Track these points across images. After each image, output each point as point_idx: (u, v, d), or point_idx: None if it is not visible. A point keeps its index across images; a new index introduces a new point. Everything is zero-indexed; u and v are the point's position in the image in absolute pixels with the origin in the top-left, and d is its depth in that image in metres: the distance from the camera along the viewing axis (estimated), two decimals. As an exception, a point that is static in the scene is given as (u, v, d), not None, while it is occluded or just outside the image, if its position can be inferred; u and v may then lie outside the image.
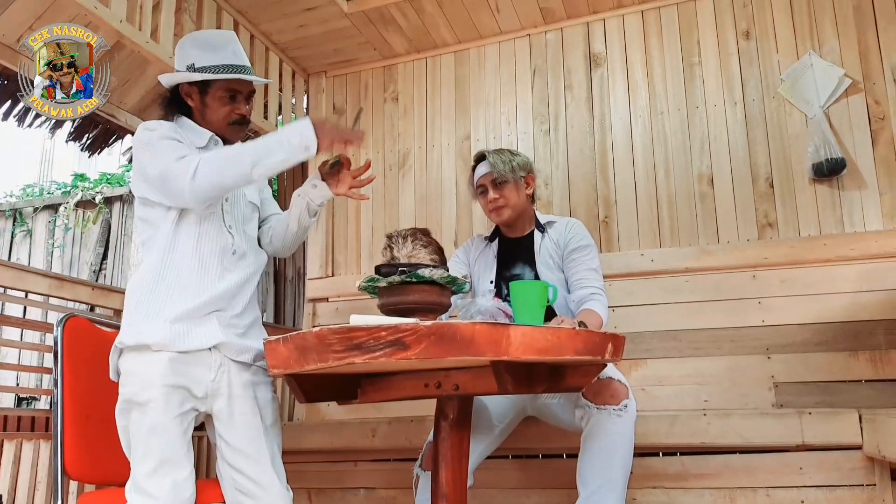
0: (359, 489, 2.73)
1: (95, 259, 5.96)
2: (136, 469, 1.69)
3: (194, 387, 1.73)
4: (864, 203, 2.79)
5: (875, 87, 2.84)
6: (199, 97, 1.88)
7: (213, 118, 1.89)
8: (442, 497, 1.63)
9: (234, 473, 1.79)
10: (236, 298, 1.84)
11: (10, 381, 5.45)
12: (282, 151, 1.70)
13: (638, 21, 3.25)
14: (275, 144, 1.71)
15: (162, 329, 1.72)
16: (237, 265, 1.85)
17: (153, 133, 1.80)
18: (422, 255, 1.82)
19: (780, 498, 2.22)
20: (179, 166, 1.70)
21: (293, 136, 1.71)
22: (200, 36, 1.99)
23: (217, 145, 1.89)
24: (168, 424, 1.68)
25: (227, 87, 1.88)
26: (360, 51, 3.60)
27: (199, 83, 1.87)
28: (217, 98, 1.88)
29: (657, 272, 2.96)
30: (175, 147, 1.76)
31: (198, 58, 1.86)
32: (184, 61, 1.88)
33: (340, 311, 3.46)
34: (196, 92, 1.88)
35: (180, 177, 1.69)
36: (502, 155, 2.29)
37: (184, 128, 1.88)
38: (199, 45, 1.89)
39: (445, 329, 1.22)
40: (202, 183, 1.68)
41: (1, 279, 2.52)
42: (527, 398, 2.21)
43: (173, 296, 1.76)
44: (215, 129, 1.90)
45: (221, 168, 1.70)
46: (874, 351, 2.61)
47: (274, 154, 1.70)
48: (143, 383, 1.70)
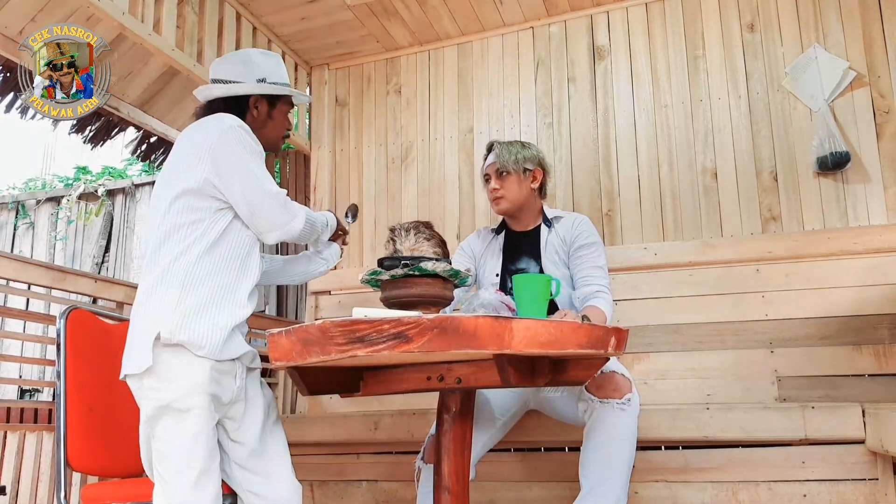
0: (361, 482, 2.74)
1: (98, 251, 5.97)
2: (175, 480, 1.62)
3: (224, 395, 1.71)
4: (868, 197, 2.78)
5: (880, 80, 2.82)
6: (267, 109, 1.95)
7: (272, 131, 1.97)
8: (444, 490, 1.63)
9: (246, 473, 1.78)
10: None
11: (13, 373, 5.47)
12: (328, 228, 2.05)
13: (642, 13, 3.24)
14: (323, 220, 2.01)
15: (216, 334, 1.66)
16: (259, 270, 1.84)
17: (249, 139, 1.81)
18: (424, 248, 1.82)
19: (783, 492, 2.22)
20: (288, 208, 1.80)
21: (331, 221, 2.06)
22: (267, 52, 2.09)
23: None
24: (210, 433, 1.66)
25: (289, 104, 2.01)
26: (363, 43, 3.59)
27: (269, 96, 1.95)
28: (282, 112, 1.99)
29: (660, 266, 2.95)
30: (269, 176, 1.81)
31: (270, 72, 1.95)
32: (254, 74, 1.93)
33: (343, 304, 3.46)
34: (266, 104, 1.95)
35: (293, 219, 1.81)
36: (511, 147, 2.29)
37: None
38: (270, 60, 2.00)
39: (448, 322, 1.21)
40: (304, 231, 1.85)
41: (4, 271, 2.52)
42: (529, 391, 2.21)
43: (225, 299, 1.71)
44: (271, 140, 1.97)
45: (314, 230, 1.93)
46: (878, 345, 2.60)
47: (326, 228, 2.03)
48: (186, 389, 1.63)
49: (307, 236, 1.91)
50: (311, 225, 1.88)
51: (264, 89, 1.93)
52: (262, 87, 1.93)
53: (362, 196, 3.61)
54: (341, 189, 3.66)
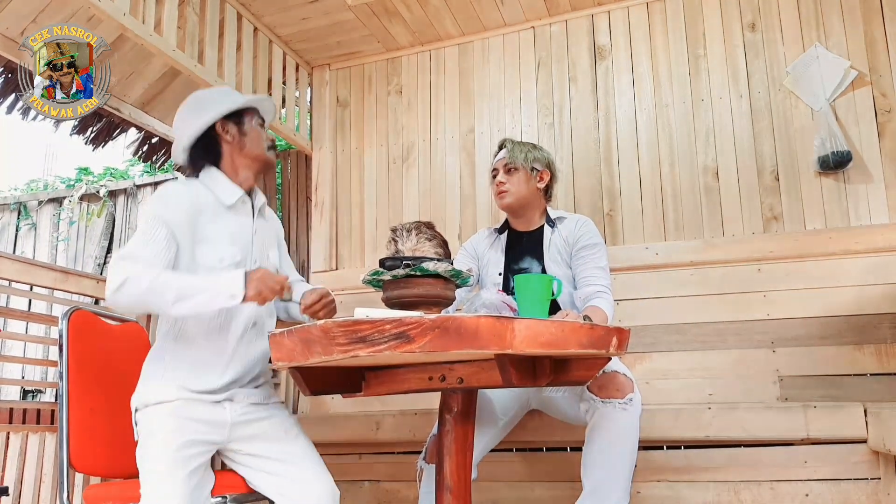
0: (363, 482, 2.74)
1: (100, 252, 5.97)
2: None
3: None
4: (869, 196, 2.77)
5: (882, 79, 2.82)
6: (237, 128, 1.91)
7: (252, 146, 1.92)
8: (446, 489, 1.63)
9: (277, 479, 1.82)
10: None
11: (16, 373, 5.47)
12: (207, 294, 1.66)
13: (643, 13, 3.23)
14: (203, 286, 1.67)
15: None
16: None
17: (156, 206, 1.77)
18: (426, 248, 1.82)
19: (785, 491, 2.22)
20: (116, 269, 1.66)
21: (223, 282, 1.67)
22: (214, 88, 2.12)
23: (245, 205, 1.91)
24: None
25: (258, 114, 1.96)
26: (364, 43, 3.59)
27: (235, 117, 1.91)
28: (255, 124, 1.94)
29: (662, 265, 2.95)
30: (149, 239, 1.71)
31: (222, 102, 1.91)
32: (206, 107, 1.90)
33: (345, 304, 3.45)
34: (233, 124, 1.91)
35: (111, 282, 1.66)
36: (523, 145, 2.31)
37: (214, 181, 1.88)
38: (218, 91, 2.02)
39: (450, 322, 1.21)
40: (121, 300, 1.66)
41: (6, 272, 2.52)
42: (531, 391, 2.21)
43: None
44: (257, 156, 1.93)
45: (144, 293, 1.64)
46: (879, 344, 2.60)
47: (199, 295, 1.66)
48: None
49: (136, 305, 1.70)
50: (140, 291, 1.64)
51: (221, 110, 1.90)
52: (220, 109, 1.90)
53: (363, 196, 3.61)
54: (342, 189, 3.67)
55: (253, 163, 1.92)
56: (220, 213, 1.85)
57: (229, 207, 1.87)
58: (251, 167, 1.93)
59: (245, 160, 1.91)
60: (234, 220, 1.88)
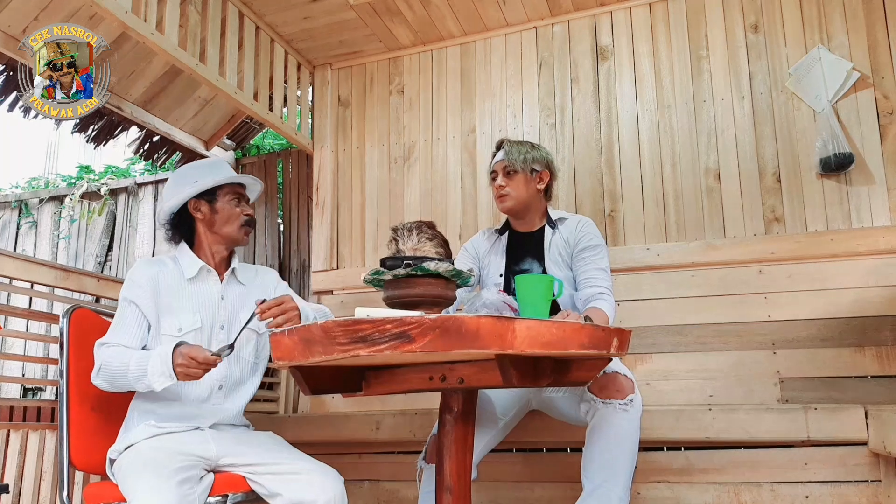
0: (363, 481, 2.74)
1: (101, 250, 5.97)
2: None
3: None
4: (871, 198, 2.77)
5: (884, 81, 2.82)
6: (208, 207, 2.01)
7: (224, 224, 2.01)
8: (446, 490, 1.63)
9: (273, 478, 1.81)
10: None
11: (16, 371, 5.47)
12: (150, 377, 1.76)
13: (645, 14, 3.23)
14: (146, 369, 1.77)
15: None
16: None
17: (125, 288, 1.94)
18: (427, 247, 1.82)
19: (785, 493, 2.21)
20: (96, 356, 1.85)
21: (154, 366, 1.76)
22: (197, 161, 2.19)
23: (210, 274, 2.00)
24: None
25: (233, 192, 2.04)
26: (366, 43, 3.59)
27: (207, 195, 2.01)
28: (227, 202, 2.02)
29: (663, 266, 2.95)
30: (119, 322, 1.90)
31: (201, 175, 2.02)
32: (184, 185, 2.01)
33: (345, 303, 3.46)
34: (205, 203, 2.01)
35: (94, 368, 1.84)
36: (520, 146, 2.29)
37: (181, 255, 2.02)
38: (203, 165, 2.09)
39: (450, 322, 1.21)
40: (101, 384, 1.85)
41: (7, 270, 2.52)
42: (531, 392, 2.21)
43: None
44: (230, 233, 2.01)
45: (114, 377, 1.81)
46: (880, 347, 2.60)
47: (145, 378, 1.77)
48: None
49: (113, 387, 1.84)
50: (111, 375, 1.81)
51: (191, 191, 1.99)
52: (190, 191, 1.99)
53: (364, 196, 3.61)
54: (344, 189, 3.66)
55: (223, 240, 2.03)
56: (182, 285, 1.97)
57: (191, 279, 1.98)
58: (221, 243, 2.04)
59: (215, 237, 2.03)
60: (197, 289, 1.98)
